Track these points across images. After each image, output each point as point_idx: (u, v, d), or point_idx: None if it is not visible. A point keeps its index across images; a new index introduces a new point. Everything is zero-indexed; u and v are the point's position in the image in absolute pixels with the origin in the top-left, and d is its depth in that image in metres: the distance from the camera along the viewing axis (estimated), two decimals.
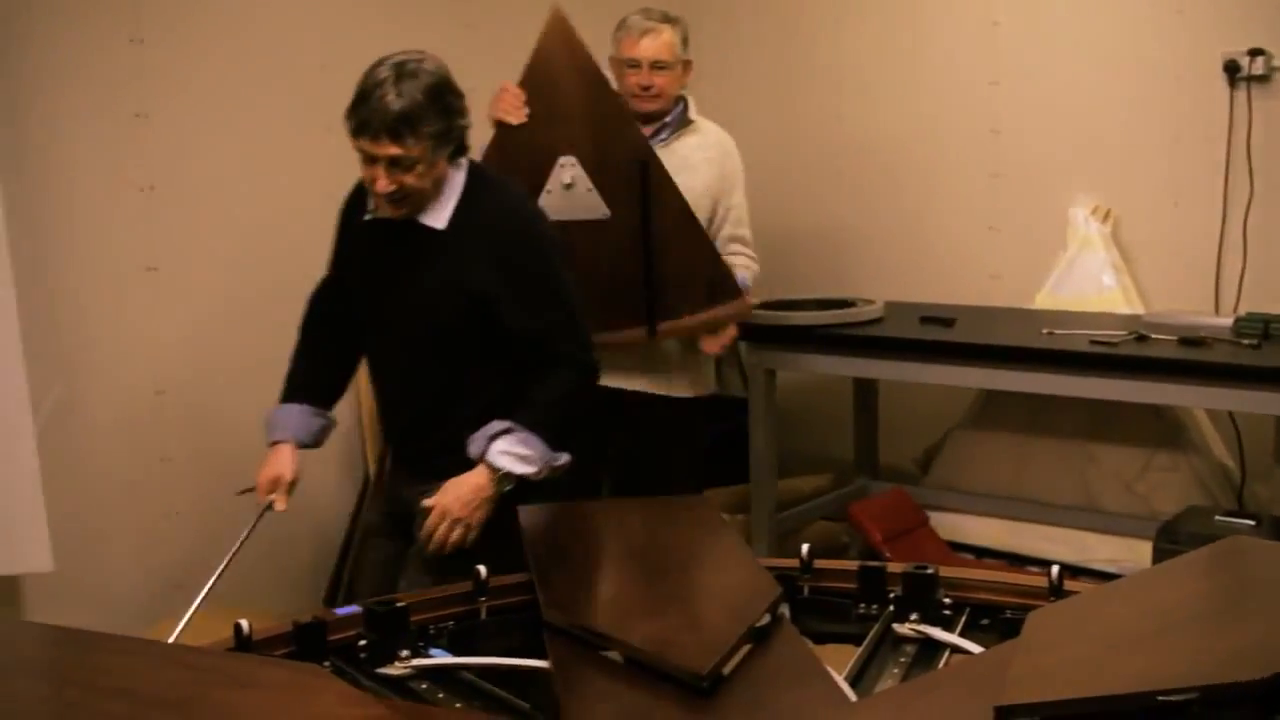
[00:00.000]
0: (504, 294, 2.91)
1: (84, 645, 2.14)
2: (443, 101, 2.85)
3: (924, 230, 5.22)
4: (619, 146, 3.73)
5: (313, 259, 3.12)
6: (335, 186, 3.10)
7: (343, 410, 4.53)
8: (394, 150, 2.79)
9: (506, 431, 2.88)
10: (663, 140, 3.94)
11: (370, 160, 2.83)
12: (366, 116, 2.78)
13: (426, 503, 2.89)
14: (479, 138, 3.50)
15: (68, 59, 3.84)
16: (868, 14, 5.32)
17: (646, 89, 3.90)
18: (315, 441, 3.17)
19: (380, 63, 2.85)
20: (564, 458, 2.96)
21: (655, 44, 3.88)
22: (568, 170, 3.72)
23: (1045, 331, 4.24)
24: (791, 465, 5.14)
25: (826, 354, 4.56)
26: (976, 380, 4.43)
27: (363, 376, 4.53)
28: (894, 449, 5.30)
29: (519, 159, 3.67)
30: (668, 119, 3.98)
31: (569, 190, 3.72)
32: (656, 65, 3.88)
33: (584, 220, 3.72)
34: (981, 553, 4.82)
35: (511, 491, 2.89)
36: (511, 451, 2.87)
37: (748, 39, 5.56)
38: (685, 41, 3.96)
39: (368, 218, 3.01)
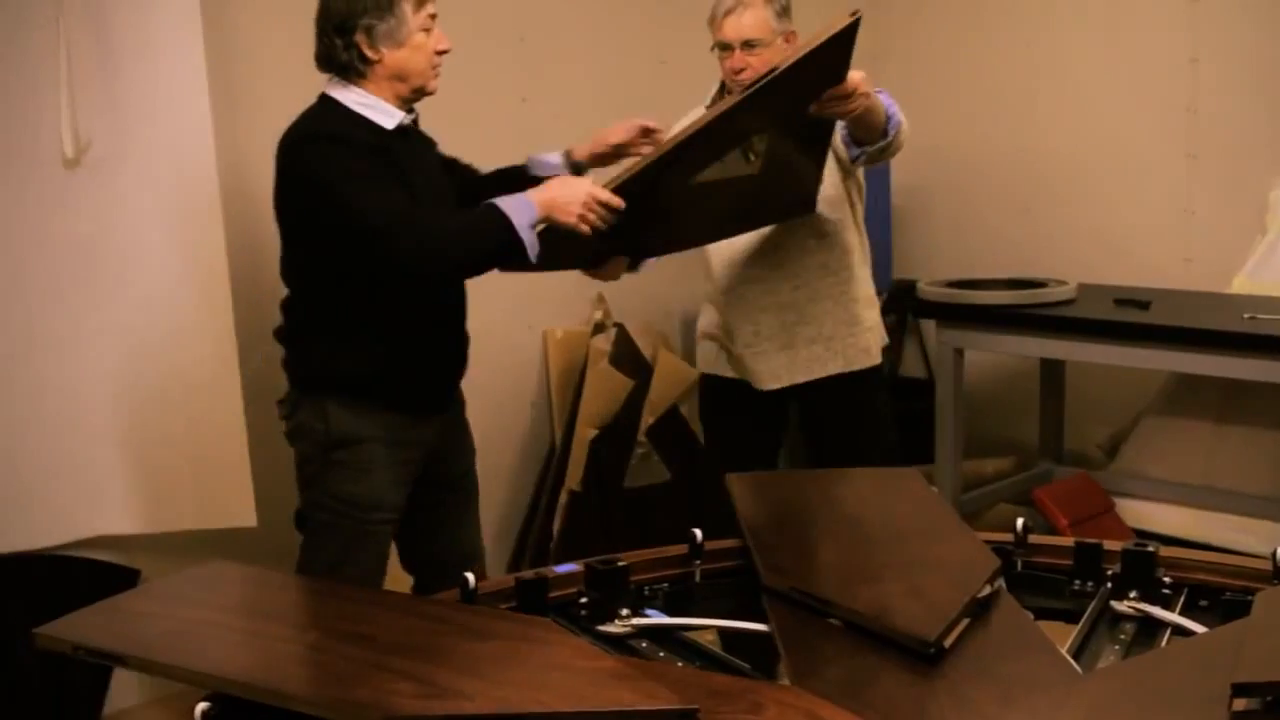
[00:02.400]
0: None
1: (321, 592, 2.23)
2: None
3: (1116, 212, 5.12)
4: None
5: None
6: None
7: (529, 381, 4.67)
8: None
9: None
10: None
11: (431, 24, 2.89)
12: None
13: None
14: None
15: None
16: None
17: (739, 73, 3.35)
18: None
19: None
20: None
21: (741, 22, 3.36)
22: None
23: (1246, 316, 4.14)
24: (973, 447, 5.09)
25: (1017, 334, 4.51)
26: (1174, 364, 4.34)
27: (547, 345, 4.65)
28: (1078, 434, 5.22)
29: None
30: None
31: None
32: (748, 45, 3.35)
33: None
34: (1169, 542, 4.70)
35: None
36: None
37: (938, 18, 5.50)
38: (785, 10, 3.43)
39: (394, 126, 2.92)
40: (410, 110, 2.95)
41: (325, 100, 2.91)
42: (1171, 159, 4.97)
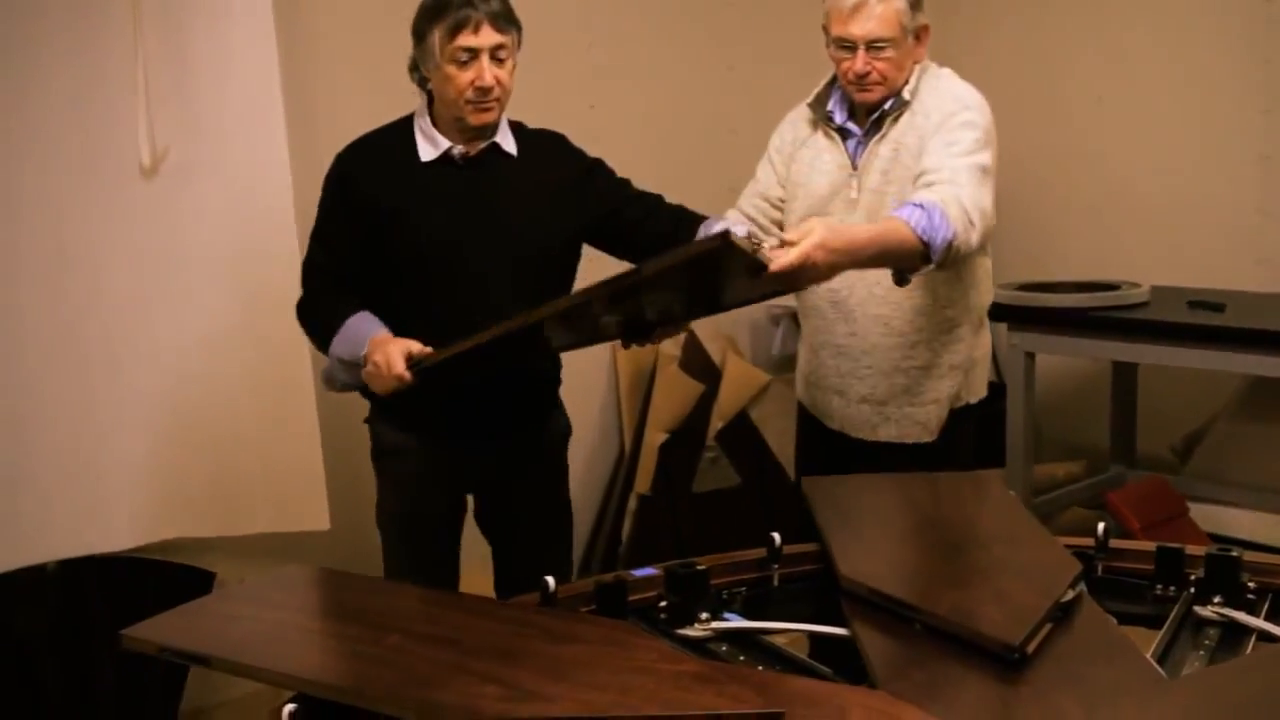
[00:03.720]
0: (612, 199, 2.97)
1: (402, 595, 2.24)
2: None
3: (1189, 214, 5.06)
4: None
5: None
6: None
7: (600, 384, 4.68)
8: (499, 39, 2.73)
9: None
10: (878, 137, 3.04)
11: (470, 57, 2.71)
12: (467, 10, 2.69)
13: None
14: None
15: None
16: None
17: (863, 77, 2.96)
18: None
19: None
20: None
21: (871, 19, 2.92)
22: None
23: None
24: (1044, 450, 5.05)
25: (1090, 338, 4.47)
26: (1249, 367, 4.27)
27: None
28: (1149, 437, 5.17)
29: None
30: (886, 106, 3.03)
31: None
32: (875, 45, 2.93)
33: None
34: (1244, 546, 4.66)
35: None
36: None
37: (1005, 20, 5.46)
38: (918, 2, 2.98)
39: (429, 158, 2.84)
40: (481, 136, 2.86)
41: (407, 116, 2.93)
42: (1245, 160, 4.91)
